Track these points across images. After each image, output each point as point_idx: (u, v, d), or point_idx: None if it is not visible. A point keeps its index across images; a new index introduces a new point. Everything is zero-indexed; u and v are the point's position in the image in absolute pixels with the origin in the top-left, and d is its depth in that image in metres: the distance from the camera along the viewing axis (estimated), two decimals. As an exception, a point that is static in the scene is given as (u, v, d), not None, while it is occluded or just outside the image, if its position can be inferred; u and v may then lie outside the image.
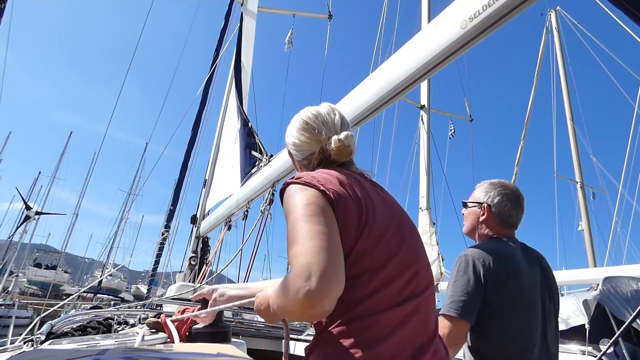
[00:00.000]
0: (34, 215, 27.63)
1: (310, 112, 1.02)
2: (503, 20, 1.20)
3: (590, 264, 7.78)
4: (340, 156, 0.95)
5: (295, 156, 1.05)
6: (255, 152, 2.91)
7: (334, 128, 0.99)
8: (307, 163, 1.01)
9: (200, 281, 3.96)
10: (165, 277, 8.33)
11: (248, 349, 1.34)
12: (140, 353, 0.96)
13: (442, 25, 1.39)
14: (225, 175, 4.27)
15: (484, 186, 1.46)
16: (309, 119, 1.00)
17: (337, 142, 0.94)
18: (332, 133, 0.97)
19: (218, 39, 5.87)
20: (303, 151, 1.01)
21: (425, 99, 6.60)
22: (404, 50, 1.60)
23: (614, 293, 2.16)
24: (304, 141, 1.00)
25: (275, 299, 0.72)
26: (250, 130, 3.12)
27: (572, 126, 9.15)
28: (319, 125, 0.99)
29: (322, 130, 0.98)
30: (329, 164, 0.96)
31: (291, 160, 1.10)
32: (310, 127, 0.99)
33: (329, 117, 1.00)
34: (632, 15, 0.81)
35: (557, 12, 10.76)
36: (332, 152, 0.94)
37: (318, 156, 0.98)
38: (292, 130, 1.03)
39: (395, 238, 0.82)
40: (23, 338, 1.48)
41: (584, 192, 8.61)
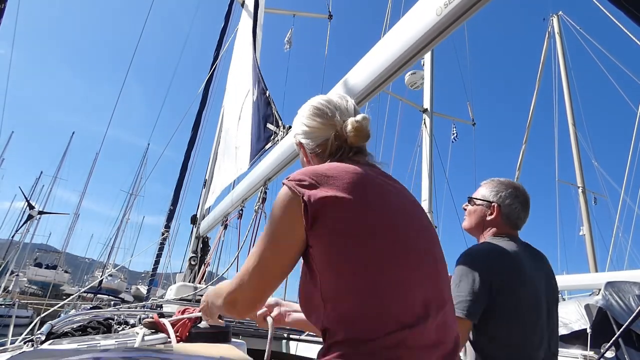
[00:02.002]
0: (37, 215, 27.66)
1: (320, 98, 0.98)
2: (479, 4, 1.19)
3: (591, 268, 7.76)
4: (358, 139, 0.89)
5: (307, 145, 0.97)
6: (270, 125, 2.63)
7: (347, 112, 0.94)
8: (321, 152, 0.94)
9: (200, 281, 3.95)
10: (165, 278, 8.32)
11: (248, 349, 1.34)
12: (141, 353, 0.96)
13: (418, 14, 1.38)
14: (228, 159, 3.99)
15: (493, 184, 1.44)
16: (320, 105, 0.96)
17: (354, 123, 0.89)
18: (346, 117, 0.92)
19: (218, 39, 5.90)
20: (316, 138, 0.94)
21: (428, 102, 6.61)
22: (386, 38, 1.60)
23: (616, 298, 2.15)
24: (317, 127, 0.94)
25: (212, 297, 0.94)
26: (268, 99, 2.77)
27: (574, 131, 9.15)
28: (332, 109, 0.94)
29: (336, 114, 0.93)
30: (346, 152, 0.91)
31: (301, 154, 1.03)
32: (322, 112, 0.94)
33: (341, 102, 0.96)
34: (633, 16, 0.80)
35: (559, 17, 10.77)
36: (349, 136, 0.89)
37: (334, 142, 0.92)
38: (302, 118, 0.98)
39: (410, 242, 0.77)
40: (23, 338, 1.47)
41: (585, 197, 8.59)
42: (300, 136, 0.99)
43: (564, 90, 9.75)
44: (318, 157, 0.95)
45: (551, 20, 10.84)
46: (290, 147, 2.38)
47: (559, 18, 10.73)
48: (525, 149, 10.47)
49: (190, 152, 5.85)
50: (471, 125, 8.34)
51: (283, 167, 2.61)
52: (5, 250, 28.86)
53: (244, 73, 3.92)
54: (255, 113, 3.03)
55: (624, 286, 2.22)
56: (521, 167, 10.28)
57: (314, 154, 0.96)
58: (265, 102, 2.81)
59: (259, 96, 2.96)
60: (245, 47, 4.07)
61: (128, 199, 39.87)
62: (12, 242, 30.10)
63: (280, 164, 2.58)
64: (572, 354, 2.20)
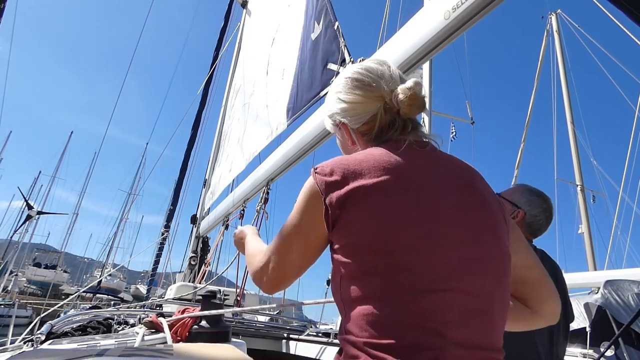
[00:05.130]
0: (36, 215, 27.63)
1: (357, 67, 0.83)
2: (486, 10, 1.20)
3: (590, 267, 7.77)
4: (412, 109, 0.75)
5: (350, 124, 0.81)
6: (333, 65, 2.22)
7: (393, 79, 0.79)
8: (367, 130, 0.79)
9: (199, 281, 3.95)
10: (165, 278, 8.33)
11: (248, 349, 1.34)
12: (140, 353, 0.96)
13: (425, 18, 1.38)
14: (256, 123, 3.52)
15: (526, 191, 1.45)
16: (360, 75, 0.80)
17: (406, 90, 0.74)
18: (393, 85, 0.77)
19: (218, 39, 5.89)
20: (360, 115, 0.79)
21: (426, 101, 6.60)
22: (391, 42, 1.60)
23: (615, 296, 2.16)
24: (359, 101, 0.78)
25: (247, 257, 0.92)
26: (336, 32, 2.29)
27: (573, 129, 9.15)
28: (374, 78, 0.78)
29: (381, 83, 0.77)
30: (399, 128, 0.76)
31: (341, 138, 0.87)
32: (364, 82, 0.79)
33: (383, 68, 0.80)
34: (632, 15, 0.80)
35: (557, 15, 10.77)
36: (402, 106, 0.75)
37: (384, 116, 0.77)
38: (339, 94, 0.82)
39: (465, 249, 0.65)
40: (23, 338, 1.47)
41: (584, 195, 8.59)
42: (339, 115, 0.82)
43: (563, 89, 9.76)
44: (364, 137, 0.80)
45: (550, 19, 10.83)
46: (296, 147, 2.35)
47: (558, 16, 10.72)
48: (524, 148, 10.49)
49: (190, 152, 5.84)
50: (470, 124, 8.34)
51: (286, 168, 2.60)
52: (4, 250, 28.85)
53: (273, 21, 3.55)
54: (311, 56, 2.55)
55: (623, 284, 2.22)
56: (520, 165, 10.29)
57: (359, 134, 0.81)
58: (332, 37, 2.35)
59: (322, 32, 2.47)
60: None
61: (127, 199, 39.89)
62: (11, 242, 30.09)
63: (283, 165, 2.57)
64: (572, 352, 2.20)
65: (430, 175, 0.70)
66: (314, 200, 0.69)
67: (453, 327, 0.59)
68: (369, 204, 0.64)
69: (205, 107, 5.85)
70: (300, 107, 2.56)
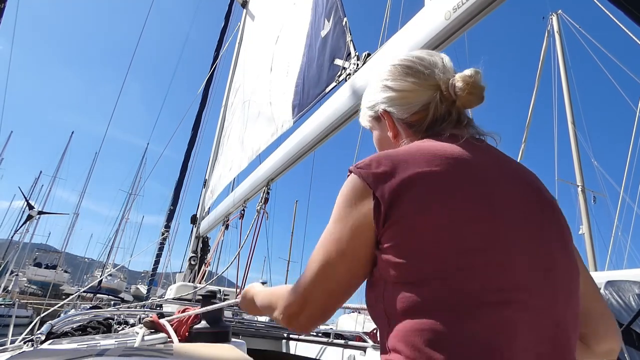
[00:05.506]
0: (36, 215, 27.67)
1: (407, 56, 0.75)
2: (487, 10, 1.20)
3: (590, 267, 7.76)
4: (472, 99, 0.67)
5: (398, 113, 0.72)
6: (339, 60, 2.18)
7: (446, 69, 0.71)
8: (417, 121, 0.71)
9: (199, 281, 3.95)
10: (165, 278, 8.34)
11: (248, 349, 1.34)
12: (140, 353, 0.96)
13: (425, 18, 1.38)
14: (258, 121, 3.45)
15: None
16: (410, 62, 0.73)
17: (467, 78, 0.66)
18: (448, 74, 0.70)
19: (218, 39, 5.90)
20: (411, 104, 0.70)
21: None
22: (392, 42, 1.60)
23: (616, 297, 2.15)
24: (411, 89, 0.70)
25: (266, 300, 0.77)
26: (344, 27, 2.26)
27: (574, 129, 9.14)
28: (427, 66, 0.71)
29: (435, 72, 0.70)
30: (453, 120, 0.69)
31: (382, 131, 0.78)
32: (416, 69, 0.71)
33: (436, 59, 0.73)
34: (632, 16, 0.80)
35: (558, 15, 10.77)
36: (459, 96, 0.67)
37: (440, 105, 0.69)
38: (386, 82, 0.74)
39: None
40: (23, 338, 1.47)
41: (584, 196, 8.59)
42: (384, 104, 0.74)
43: (564, 89, 9.76)
44: (411, 129, 0.72)
45: (551, 19, 10.83)
46: (297, 147, 2.35)
47: (559, 17, 10.72)
48: (525, 148, 10.48)
49: (190, 152, 5.85)
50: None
51: (286, 168, 2.60)
52: (5, 250, 28.88)
53: (277, 19, 3.54)
54: (320, 52, 2.52)
55: (624, 285, 2.22)
56: (521, 166, 10.26)
57: (405, 126, 0.72)
58: (341, 33, 2.30)
59: (331, 29, 2.44)
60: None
61: (127, 199, 39.91)
62: (11, 242, 30.12)
63: (283, 165, 2.57)
64: (572, 353, 2.20)
65: (494, 172, 0.62)
66: (361, 199, 0.59)
67: (523, 350, 0.50)
68: (427, 197, 0.55)
69: (205, 107, 5.86)
70: (307, 103, 2.51)
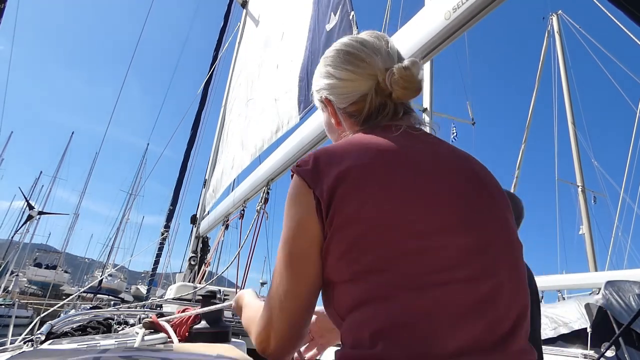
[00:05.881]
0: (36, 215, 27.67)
1: (350, 39, 0.74)
2: (489, 8, 1.20)
3: (591, 268, 7.76)
4: (406, 92, 0.67)
5: (337, 103, 0.73)
6: None
7: (390, 57, 0.70)
8: (355, 111, 0.71)
9: (199, 281, 3.95)
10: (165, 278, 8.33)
11: (248, 349, 1.33)
12: (140, 353, 0.96)
13: (426, 18, 1.38)
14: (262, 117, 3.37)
15: None
16: (352, 48, 0.71)
17: (401, 71, 0.66)
18: (389, 63, 0.69)
19: (218, 39, 5.90)
20: (349, 94, 0.71)
21: (427, 101, 6.60)
22: (395, 39, 1.60)
23: (616, 297, 2.15)
24: (350, 78, 0.70)
25: (245, 323, 0.79)
26: (351, 22, 2.30)
27: (574, 130, 9.15)
28: (368, 53, 0.70)
29: (376, 61, 0.69)
30: (390, 112, 0.69)
31: (327, 116, 0.80)
32: (356, 57, 0.70)
33: (379, 43, 0.72)
34: (632, 16, 0.80)
35: (558, 16, 10.78)
36: (395, 88, 0.66)
37: (375, 98, 0.69)
38: (328, 67, 0.73)
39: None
40: (23, 338, 1.47)
41: (585, 196, 8.60)
42: (325, 91, 0.75)
43: (564, 90, 9.76)
44: (352, 118, 0.73)
45: (551, 20, 10.84)
46: (297, 146, 2.35)
47: (559, 17, 10.73)
48: (525, 148, 10.49)
49: (190, 152, 5.85)
50: (471, 125, 8.33)
51: (286, 168, 2.60)
52: (5, 251, 28.86)
53: (280, 15, 3.52)
54: (325, 46, 2.25)
55: (624, 285, 2.22)
56: (521, 166, 10.29)
57: (346, 115, 0.73)
58: (347, 27, 2.30)
59: (338, 23, 2.43)
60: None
61: (128, 199, 39.92)
62: (11, 242, 30.11)
63: (284, 165, 2.57)
64: (573, 353, 2.20)
65: (429, 159, 0.62)
66: (303, 198, 0.60)
67: (460, 327, 0.51)
68: (360, 191, 0.56)
69: (205, 107, 5.86)
70: (312, 99, 2.44)
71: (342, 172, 0.58)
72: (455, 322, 0.51)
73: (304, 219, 0.60)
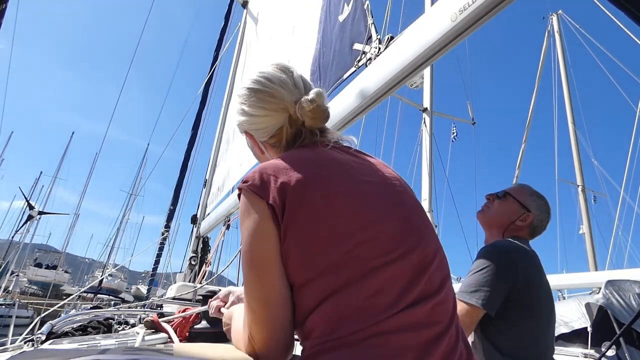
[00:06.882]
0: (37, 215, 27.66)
1: (257, 77, 0.79)
2: (494, 11, 1.20)
3: (591, 267, 7.76)
4: (316, 120, 0.76)
5: (257, 137, 0.82)
6: (358, 45, 2.15)
7: (297, 88, 0.78)
8: (276, 143, 0.80)
9: (200, 281, 3.95)
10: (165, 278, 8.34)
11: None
12: (141, 353, 0.96)
13: (431, 20, 1.38)
14: None
15: (534, 194, 1.45)
16: (260, 85, 0.78)
17: (308, 104, 0.74)
18: (297, 95, 0.77)
19: (218, 39, 5.90)
20: (266, 129, 0.79)
21: (427, 101, 6.60)
22: (395, 46, 1.59)
23: (617, 297, 2.15)
24: (263, 114, 0.77)
25: (232, 337, 0.80)
26: (365, 11, 2.22)
27: (574, 129, 9.13)
28: (276, 89, 0.77)
29: (284, 95, 0.76)
30: (307, 137, 0.78)
31: (251, 145, 0.87)
32: (266, 94, 0.77)
33: (285, 77, 0.78)
34: (632, 16, 0.80)
35: (559, 15, 10.76)
36: (305, 119, 0.75)
37: (289, 129, 0.77)
38: (243, 105, 0.80)
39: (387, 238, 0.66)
40: (23, 338, 1.47)
41: (585, 196, 8.58)
42: (248, 126, 0.82)
43: (564, 89, 9.75)
44: (274, 148, 0.81)
45: (551, 19, 10.82)
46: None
47: (559, 17, 10.71)
48: (525, 148, 10.47)
49: (190, 152, 5.85)
50: (471, 125, 8.33)
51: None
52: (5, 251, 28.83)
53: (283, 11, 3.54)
54: (337, 38, 2.46)
55: (625, 285, 2.22)
56: (521, 165, 10.28)
57: (268, 145, 0.82)
58: (362, 16, 2.23)
59: (351, 13, 2.37)
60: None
61: (128, 199, 39.89)
62: (12, 242, 30.07)
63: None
64: (573, 352, 2.20)
65: (356, 166, 0.73)
66: (257, 207, 0.65)
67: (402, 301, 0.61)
68: (307, 197, 0.64)
69: (205, 107, 5.86)
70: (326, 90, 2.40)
71: (288, 183, 0.65)
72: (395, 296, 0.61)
73: (261, 225, 0.64)
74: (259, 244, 0.64)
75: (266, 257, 0.64)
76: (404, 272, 0.63)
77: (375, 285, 0.60)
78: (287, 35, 3.33)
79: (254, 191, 0.66)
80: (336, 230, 0.63)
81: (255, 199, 0.65)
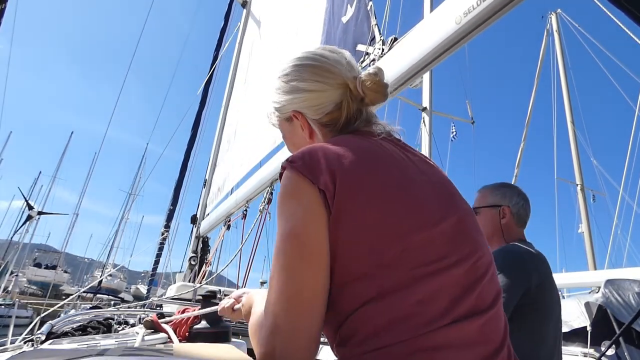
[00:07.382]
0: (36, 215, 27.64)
1: (310, 54, 0.74)
2: (498, 14, 1.20)
3: (590, 266, 7.76)
4: (379, 96, 0.71)
5: (311, 114, 0.73)
6: (361, 46, 2.14)
7: (351, 67, 0.73)
8: (330, 121, 0.72)
9: (199, 281, 3.95)
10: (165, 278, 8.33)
11: (248, 349, 1.34)
12: (140, 353, 0.96)
13: (436, 22, 1.39)
14: None
15: (493, 188, 1.46)
16: (315, 61, 0.72)
17: (372, 77, 0.70)
18: (354, 72, 0.72)
19: (218, 39, 5.90)
20: (322, 105, 0.71)
21: (427, 101, 6.59)
22: (399, 48, 1.59)
23: (616, 296, 2.16)
24: (321, 89, 0.70)
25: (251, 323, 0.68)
26: (369, 12, 2.22)
27: (573, 128, 9.14)
28: (333, 65, 0.72)
29: (341, 71, 0.71)
30: (363, 119, 0.72)
31: (294, 133, 0.78)
32: (322, 69, 0.71)
33: (337, 56, 0.74)
34: (632, 16, 0.80)
35: (557, 14, 10.76)
36: (367, 93, 0.70)
37: (351, 104, 0.71)
38: (292, 82, 0.73)
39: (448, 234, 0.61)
40: (23, 338, 1.47)
41: (584, 195, 8.59)
42: (294, 105, 0.73)
43: (563, 88, 9.75)
44: (326, 128, 0.73)
45: (550, 18, 10.82)
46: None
47: (558, 16, 10.71)
48: (524, 147, 10.48)
49: (190, 152, 5.85)
50: (470, 124, 8.32)
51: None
52: (5, 251, 28.85)
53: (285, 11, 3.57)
54: (341, 39, 2.48)
55: (624, 284, 2.22)
56: (520, 165, 10.28)
57: (320, 126, 0.73)
58: (365, 17, 2.25)
59: (354, 14, 2.39)
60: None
61: (127, 199, 39.88)
62: (11, 242, 30.09)
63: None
64: (573, 351, 2.20)
65: (409, 162, 0.67)
66: (306, 190, 0.58)
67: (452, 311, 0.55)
68: (365, 191, 0.58)
69: (205, 107, 5.86)
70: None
71: (340, 168, 0.59)
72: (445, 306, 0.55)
73: (312, 208, 0.57)
74: (312, 225, 0.57)
75: (316, 241, 0.57)
76: (458, 281, 0.57)
77: (424, 293, 0.55)
78: (291, 36, 3.33)
79: (303, 173, 0.59)
80: (389, 228, 0.57)
81: (304, 182, 0.59)
